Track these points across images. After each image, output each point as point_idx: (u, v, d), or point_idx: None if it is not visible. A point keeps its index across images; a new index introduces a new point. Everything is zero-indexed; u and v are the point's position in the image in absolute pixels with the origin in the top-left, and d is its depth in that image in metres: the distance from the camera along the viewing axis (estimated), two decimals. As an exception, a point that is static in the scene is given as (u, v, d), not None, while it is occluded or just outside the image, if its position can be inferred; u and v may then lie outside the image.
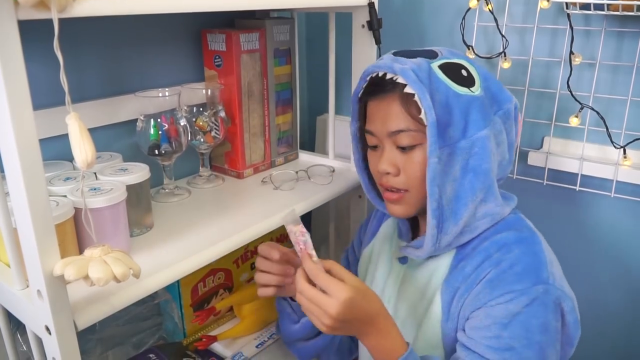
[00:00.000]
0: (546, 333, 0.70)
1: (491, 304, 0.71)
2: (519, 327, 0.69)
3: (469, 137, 0.72)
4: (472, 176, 0.73)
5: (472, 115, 0.73)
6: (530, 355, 0.69)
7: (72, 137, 0.52)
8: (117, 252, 0.59)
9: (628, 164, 1.00)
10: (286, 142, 1.22)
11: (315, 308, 0.68)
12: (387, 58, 0.77)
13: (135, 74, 1.00)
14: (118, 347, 1.01)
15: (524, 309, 0.70)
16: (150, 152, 0.93)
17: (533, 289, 0.70)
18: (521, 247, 0.74)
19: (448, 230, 0.75)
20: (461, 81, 0.74)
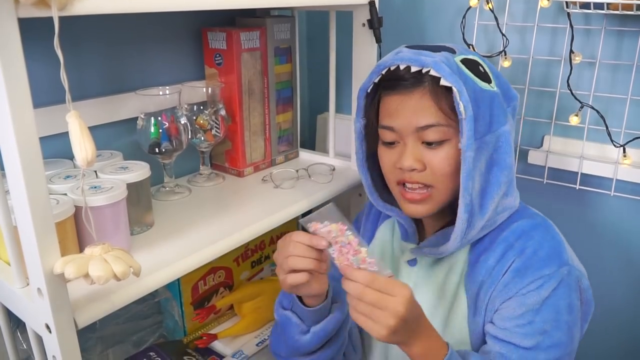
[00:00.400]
0: (572, 313, 0.73)
1: (522, 292, 0.73)
2: (550, 311, 0.72)
3: (494, 131, 0.73)
4: (497, 170, 0.74)
5: (495, 110, 0.73)
6: (561, 335, 0.72)
7: (72, 135, 0.52)
8: (117, 250, 0.59)
9: (628, 163, 1.00)
10: (286, 141, 1.22)
11: (378, 312, 0.63)
12: (407, 51, 0.75)
13: (135, 72, 1.00)
14: (118, 346, 1.01)
15: (553, 292, 0.72)
16: (150, 151, 0.93)
17: (559, 271, 0.73)
18: (539, 232, 0.76)
19: (475, 224, 0.75)
20: (482, 77, 0.74)
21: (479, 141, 0.71)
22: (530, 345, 0.71)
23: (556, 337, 0.71)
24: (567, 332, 0.72)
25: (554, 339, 0.71)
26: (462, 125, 0.70)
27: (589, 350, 1.14)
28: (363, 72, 1.06)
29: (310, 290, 0.75)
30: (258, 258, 1.20)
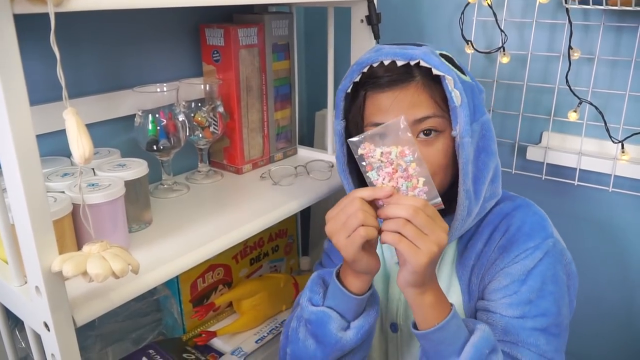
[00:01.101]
0: (557, 283, 0.74)
1: (509, 265, 0.75)
2: (535, 280, 0.73)
3: (478, 119, 0.74)
4: (485, 156, 0.75)
5: (476, 99, 0.75)
6: (546, 305, 0.73)
7: (69, 133, 0.51)
8: (115, 247, 0.59)
9: (626, 159, 1.00)
10: (285, 138, 1.22)
11: (424, 237, 0.62)
12: (389, 47, 0.74)
13: (133, 69, 0.99)
14: (117, 343, 1.01)
15: (538, 262, 0.74)
16: (148, 148, 0.92)
17: (544, 243, 0.75)
18: (521, 211, 0.79)
19: (472, 211, 0.75)
20: (460, 70, 0.75)
21: (463, 131, 0.71)
22: (517, 315, 0.73)
23: (542, 306, 0.73)
24: (553, 302, 0.73)
25: (541, 308, 0.73)
26: (456, 113, 0.70)
27: (586, 345, 1.15)
28: (361, 68, 1.06)
29: (369, 263, 0.69)
30: (257, 255, 1.20)
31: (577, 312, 0.84)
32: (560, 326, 0.74)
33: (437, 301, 0.68)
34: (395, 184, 0.65)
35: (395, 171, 0.66)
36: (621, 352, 1.14)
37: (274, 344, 1.09)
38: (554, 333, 0.73)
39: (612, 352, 1.15)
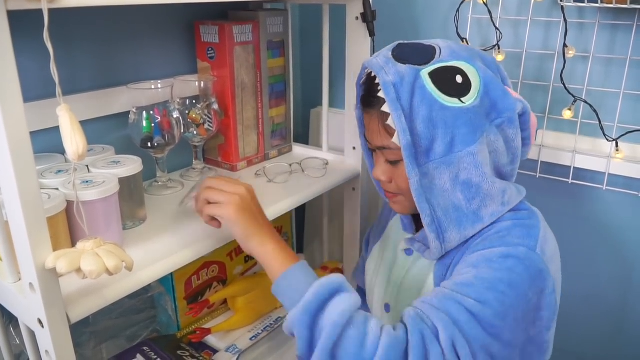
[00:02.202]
0: (514, 289, 0.66)
1: (470, 257, 0.72)
2: (488, 270, 0.68)
3: (456, 152, 0.70)
4: (464, 188, 0.72)
5: (460, 129, 0.70)
6: (489, 298, 0.65)
7: (63, 129, 0.51)
8: (109, 244, 0.59)
9: (620, 157, 1.01)
10: (280, 135, 1.22)
11: (221, 193, 0.73)
12: (382, 56, 0.74)
13: (127, 66, 0.99)
14: (112, 340, 1.01)
15: (500, 259, 0.68)
16: (143, 145, 0.92)
17: (515, 247, 0.70)
18: (515, 221, 0.74)
19: (451, 238, 0.74)
20: (452, 91, 0.70)
21: (437, 162, 0.70)
22: (453, 289, 0.67)
23: (483, 295, 0.65)
24: (499, 301, 0.65)
25: (481, 296, 0.65)
26: (402, 153, 0.70)
27: (579, 343, 1.15)
28: (356, 66, 1.06)
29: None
30: (252, 252, 1.20)
31: (571, 310, 0.84)
32: (498, 331, 0.64)
33: (281, 250, 0.70)
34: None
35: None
36: (615, 349, 1.14)
37: (269, 341, 1.09)
38: (485, 327, 0.64)
39: (606, 349, 1.16)
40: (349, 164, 1.15)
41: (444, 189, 0.72)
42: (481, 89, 0.72)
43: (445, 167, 0.71)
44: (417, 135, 0.70)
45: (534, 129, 0.80)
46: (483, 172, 0.72)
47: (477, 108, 0.71)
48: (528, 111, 0.77)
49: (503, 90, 0.74)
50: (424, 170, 0.71)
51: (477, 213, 0.73)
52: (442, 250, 0.75)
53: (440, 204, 0.73)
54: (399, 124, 0.69)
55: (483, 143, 0.72)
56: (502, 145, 0.75)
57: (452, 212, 0.73)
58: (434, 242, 0.74)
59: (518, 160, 0.79)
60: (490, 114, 0.73)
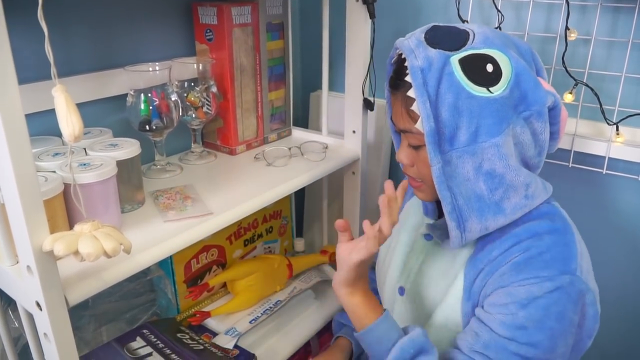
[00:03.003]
0: (561, 322, 0.70)
1: (514, 285, 0.71)
2: (537, 310, 0.69)
3: (480, 142, 0.70)
4: (486, 178, 0.71)
5: (486, 119, 0.69)
6: (541, 339, 0.69)
7: (58, 110, 0.51)
8: (107, 227, 0.59)
9: (620, 141, 1.00)
10: (279, 119, 1.21)
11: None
12: (415, 38, 0.73)
13: (124, 47, 0.98)
14: (112, 323, 1.01)
15: (546, 294, 0.69)
16: (141, 128, 0.92)
17: (559, 277, 0.70)
18: (553, 237, 0.73)
19: (472, 227, 0.73)
20: (481, 79, 0.69)
21: (460, 150, 0.70)
22: (506, 335, 0.70)
23: (535, 337, 0.69)
24: (549, 337, 0.69)
25: (532, 338, 0.69)
26: (425, 140, 0.70)
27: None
28: (357, 48, 1.05)
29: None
30: (251, 236, 1.20)
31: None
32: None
33: (367, 302, 0.78)
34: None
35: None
36: (618, 331, 1.15)
37: (268, 324, 1.09)
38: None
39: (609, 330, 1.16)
40: (348, 147, 1.14)
41: (467, 177, 0.71)
42: (512, 80, 0.70)
43: (468, 156, 0.70)
44: (441, 122, 0.69)
45: (564, 123, 0.79)
46: (507, 163, 0.71)
47: (505, 99, 0.69)
48: (559, 105, 0.76)
49: (535, 82, 0.72)
50: (446, 158, 0.71)
51: (499, 204, 0.73)
52: (462, 239, 0.74)
53: (462, 192, 0.72)
54: (424, 110, 0.69)
55: (508, 135, 0.71)
56: (529, 138, 0.74)
57: (474, 201, 0.72)
58: (455, 231, 0.74)
59: (545, 152, 0.78)
60: (519, 106, 0.71)
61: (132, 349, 0.88)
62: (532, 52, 0.77)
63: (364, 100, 1.08)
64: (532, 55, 0.77)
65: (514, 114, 0.71)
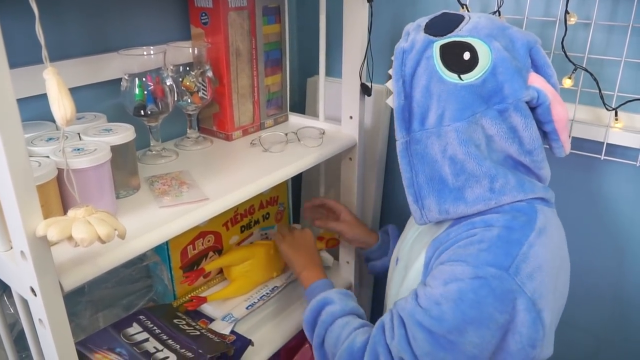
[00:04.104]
0: (476, 310, 0.69)
1: (446, 264, 0.74)
2: (453, 292, 0.71)
3: (444, 125, 0.74)
4: (450, 162, 0.75)
5: (451, 104, 0.73)
6: (449, 318, 0.70)
7: (49, 93, 0.50)
8: (101, 212, 0.58)
9: (619, 127, 0.99)
10: (276, 104, 1.20)
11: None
12: (420, 21, 0.80)
13: (118, 31, 0.96)
14: (108, 309, 1.01)
15: (467, 279, 0.70)
16: (135, 113, 0.91)
17: (484, 268, 0.70)
18: (501, 232, 0.73)
19: (430, 207, 0.78)
20: (455, 66, 0.73)
21: (428, 132, 0.75)
22: (422, 305, 0.73)
23: (445, 315, 0.70)
24: (459, 320, 0.69)
25: (442, 315, 0.70)
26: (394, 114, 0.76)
27: (573, 315, 1.16)
28: (354, 32, 1.03)
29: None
30: (248, 223, 1.20)
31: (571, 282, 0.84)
32: (454, 346, 0.70)
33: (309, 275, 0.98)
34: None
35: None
36: (612, 319, 1.15)
37: (265, 310, 1.09)
38: (438, 340, 0.70)
39: (598, 319, 1.17)
40: (345, 133, 1.14)
41: (435, 159, 0.76)
42: (488, 70, 0.73)
43: (435, 138, 0.75)
44: (415, 101, 0.75)
45: (560, 124, 0.78)
46: (468, 150, 0.74)
47: (475, 88, 0.73)
48: (545, 103, 0.76)
49: (514, 75, 0.73)
50: (417, 137, 0.76)
51: (461, 191, 0.76)
52: (423, 216, 0.80)
53: (426, 171, 0.77)
54: (396, 87, 0.75)
55: (474, 123, 0.74)
56: (506, 132, 0.75)
57: (436, 182, 0.77)
58: (413, 205, 0.80)
59: (538, 152, 0.78)
60: (492, 97, 0.74)
61: (129, 335, 0.88)
62: (532, 48, 0.78)
63: (361, 85, 1.07)
64: (529, 51, 0.77)
65: (482, 104, 0.74)
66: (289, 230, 1.10)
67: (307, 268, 1.00)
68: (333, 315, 0.87)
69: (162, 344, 0.87)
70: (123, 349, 0.85)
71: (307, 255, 1.03)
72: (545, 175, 0.82)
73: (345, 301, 0.89)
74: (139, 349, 0.85)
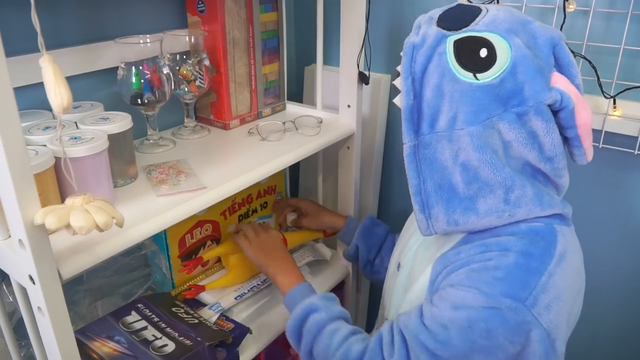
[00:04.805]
0: (487, 340, 0.65)
1: (457, 287, 0.69)
2: (464, 318, 0.66)
3: (456, 129, 0.67)
4: (462, 169, 0.69)
5: (465, 106, 0.67)
6: (457, 344, 0.66)
7: (46, 81, 0.50)
8: (99, 201, 0.58)
9: (617, 115, 1.00)
10: (273, 93, 1.20)
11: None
12: (432, 13, 0.73)
13: (114, 19, 0.96)
14: (107, 298, 1.01)
15: (479, 308, 0.65)
16: (132, 102, 0.90)
17: (499, 298, 0.65)
18: (519, 259, 0.67)
19: (438, 217, 0.72)
20: (471, 64, 0.67)
21: (439, 135, 0.69)
22: (428, 326, 0.69)
23: (452, 341, 0.66)
24: (467, 348, 0.66)
25: (449, 340, 0.67)
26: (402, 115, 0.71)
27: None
28: (352, 21, 1.03)
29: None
30: (245, 212, 1.20)
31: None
32: None
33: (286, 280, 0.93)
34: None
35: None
36: (605, 302, 1.16)
37: (263, 299, 1.10)
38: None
39: (595, 306, 1.18)
40: (343, 122, 1.13)
41: (444, 165, 0.70)
42: (507, 69, 0.66)
43: (446, 142, 0.69)
44: (425, 101, 0.69)
45: (584, 129, 0.71)
46: (482, 157, 0.67)
47: (492, 88, 0.66)
48: (570, 106, 0.69)
49: (535, 76, 0.67)
50: (426, 140, 0.70)
51: (472, 200, 0.70)
52: (429, 226, 0.73)
53: (434, 178, 0.71)
54: (404, 85, 0.69)
55: (489, 127, 0.67)
56: (526, 138, 0.69)
57: (445, 190, 0.71)
58: (419, 215, 0.73)
59: (559, 159, 0.71)
60: (511, 99, 0.67)
61: (128, 323, 0.89)
62: (556, 45, 0.70)
63: (359, 74, 1.07)
64: (552, 48, 0.70)
65: (500, 106, 0.67)
66: (253, 231, 1.03)
67: (281, 271, 0.94)
68: (319, 323, 0.82)
69: (161, 332, 0.87)
70: (122, 337, 0.85)
71: (279, 258, 0.97)
72: (564, 184, 0.76)
73: (329, 307, 0.85)
74: (137, 337, 0.85)
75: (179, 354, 0.82)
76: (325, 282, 1.20)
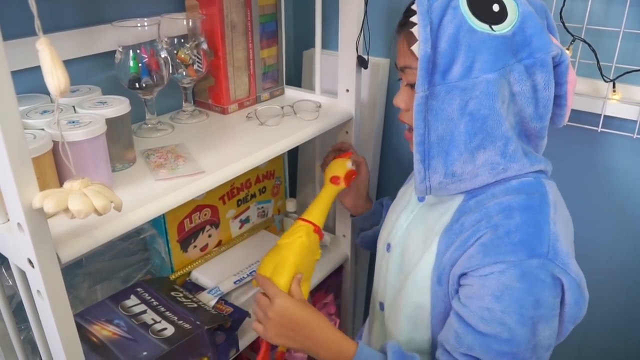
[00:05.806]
0: (539, 309, 0.68)
1: (484, 273, 0.69)
2: (512, 302, 0.67)
3: (472, 77, 0.69)
4: (469, 120, 0.70)
5: (483, 54, 0.68)
6: (523, 332, 0.68)
7: (43, 64, 0.49)
8: (97, 184, 0.58)
9: (617, 98, 0.99)
10: (271, 77, 1.19)
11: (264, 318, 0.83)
12: None
13: (112, 2, 0.95)
14: (106, 282, 1.02)
15: (517, 283, 0.67)
16: (130, 86, 0.90)
17: (526, 262, 0.67)
18: (524, 215, 0.70)
19: (437, 168, 0.73)
20: (485, 17, 0.69)
21: (450, 85, 0.69)
22: (488, 332, 0.69)
23: (517, 332, 0.68)
24: (531, 328, 0.68)
25: (514, 333, 0.68)
26: (418, 64, 0.69)
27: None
28: (350, 4, 1.02)
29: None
30: (244, 197, 1.20)
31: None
32: (535, 350, 0.69)
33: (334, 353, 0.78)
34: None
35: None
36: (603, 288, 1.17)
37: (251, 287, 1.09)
38: (522, 354, 0.69)
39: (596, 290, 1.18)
40: (342, 106, 1.13)
41: (450, 117, 0.71)
42: (517, 23, 0.69)
43: (458, 92, 0.69)
44: (439, 52, 0.69)
45: (571, 86, 0.76)
46: (493, 105, 0.70)
47: (507, 39, 0.69)
48: (566, 62, 0.73)
49: (541, 30, 0.71)
50: (435, 91, 0.70)
51: (472, 152, 0.72)
52: (426, 177, 0.74)
53: (439, 129, 0.71)
54: (423, 33, 0.68)
55: (503, 77, 0.70)
56: (529, 91, 0.72)
57: (447, 142, 0.72)
58: (419, 165, 0.74)
59: (547, 118, 0.75)
60: (520, 52, 0.70)
61: (127, 307, 0.89)
62: (546, 10, 0.76)
63: (357, 58, 1.06)
64: (544, 13, 0.76)
65: (512, 57, 0.70)
66: (261, 311, 0.83)
67: (321, 344, 0.79)
68: None
69: (160, 316, 0.88)
70: (121, 320, 0.86)
71: (307, 330, 0.80)
72: (543, 146, 0.80)
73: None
74: (137, 320, 0.86)
75: (178, 337, 0.83)
76: (325, 267, 1.21)
